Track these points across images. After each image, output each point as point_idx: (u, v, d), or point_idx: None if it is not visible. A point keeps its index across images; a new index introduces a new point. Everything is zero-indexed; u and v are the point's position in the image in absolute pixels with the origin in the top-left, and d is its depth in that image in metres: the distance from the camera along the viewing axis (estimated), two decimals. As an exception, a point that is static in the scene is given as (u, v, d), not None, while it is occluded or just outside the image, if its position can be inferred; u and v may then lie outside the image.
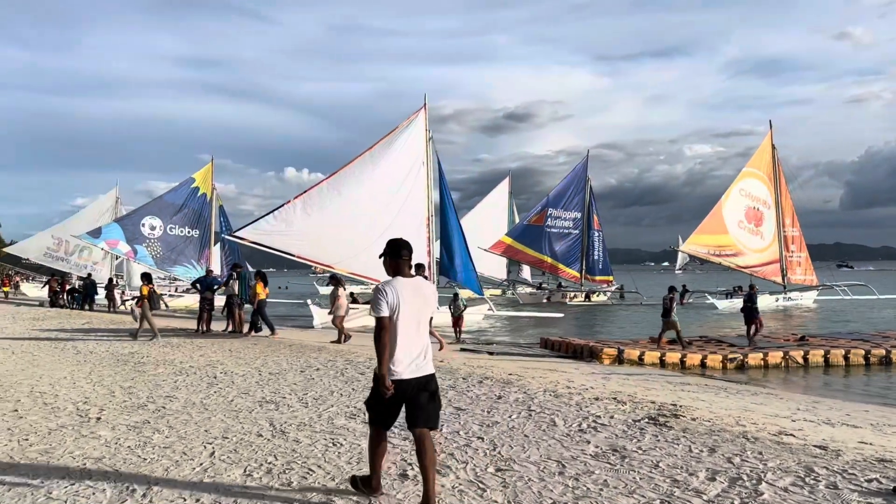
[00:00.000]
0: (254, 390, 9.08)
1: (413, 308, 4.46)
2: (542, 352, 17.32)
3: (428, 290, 4.66)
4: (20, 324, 20.68)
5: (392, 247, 4.67)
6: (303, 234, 26.40)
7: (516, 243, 45.09)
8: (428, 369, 4.57)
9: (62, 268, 51.61)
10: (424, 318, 4.58)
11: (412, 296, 4.48)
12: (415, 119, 29.72)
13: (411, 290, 4.50)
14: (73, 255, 51.05)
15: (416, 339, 4.51)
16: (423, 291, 4.60)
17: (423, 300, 4.55)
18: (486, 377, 9.61)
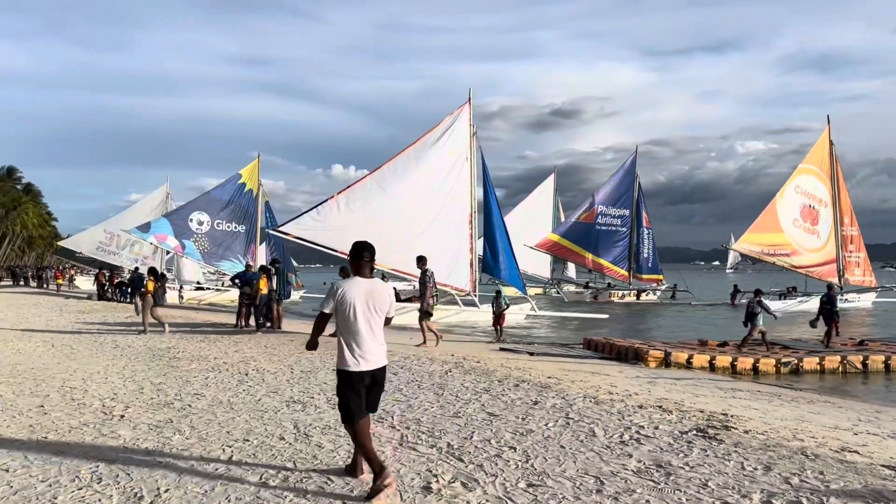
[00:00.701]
0: (283, 389, 8.82)
1: (367, 306, 4.88)
2: (585, 353, 16.75)
3: (383, 290, 5.04)
4: (65, 316, 20.99)
5: (355, 249, 5.08)
6: (345, 230, 26.25)
7: (563, 241, 44.30)
8: (381, 362, 5.04)
9: (114, 261, 52.84)
10: (379, 316, 4.99)
11: (366, 295, 4.89)
12: (459, 114, 29.35)
13: (365, 291, 4.91)
14: (124, 248, 52.19)
15: (371, 334, 4.92)
16: (378, 292, 4.99)
17: (376, 299, 4.94)
18: (522, 380, 9.16)
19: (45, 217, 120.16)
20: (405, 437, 6.28)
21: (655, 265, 47.25)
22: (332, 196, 26.87)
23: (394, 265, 26.73)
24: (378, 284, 5.07)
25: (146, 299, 16.39)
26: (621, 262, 45.59)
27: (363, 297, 4.88)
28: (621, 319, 31.21)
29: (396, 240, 26.50)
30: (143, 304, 16.44)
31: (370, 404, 5.04)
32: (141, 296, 16.72)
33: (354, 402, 4.89)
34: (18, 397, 8.38)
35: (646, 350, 15.43)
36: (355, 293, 4.87)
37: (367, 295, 4.90)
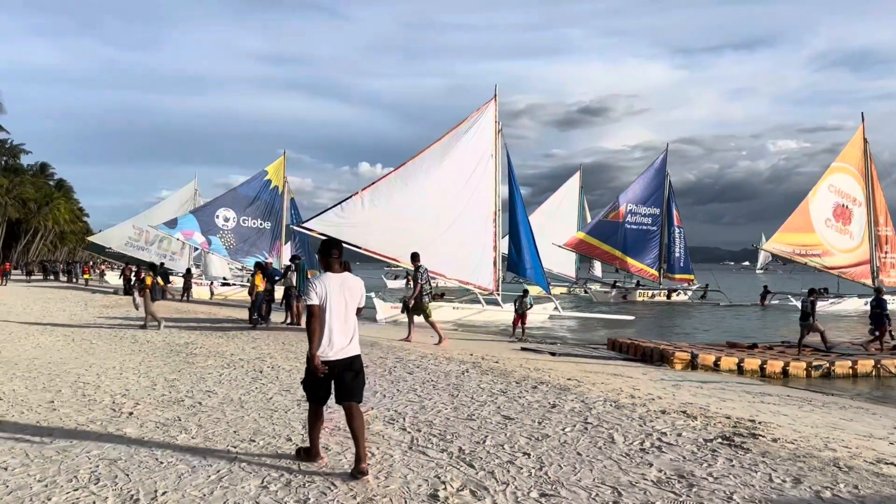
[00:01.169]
0: (296, 387, 8.64)
1: (339, 299, 5.19)
2: (609, 354, 16.40)
3: (354, 283, 5.35)
4: (89, 311, 21.13)
5: (324, 246, 5.42)
6: (369, 227, 26.15)
7: (592, 240, 43.73)
8: (353, 351, 5.23)
9: (143, 257, 53.38)
10: (351, 308, 5.27)
11: (339, 289, 5.22)
12: (484, 111, 29.06)
13: (338, 284, 5.24)
14: (153, 244, 52.72)
15: (343, 325, 5.19)
16: (350, 285, 5.31)
17: (348, 292, 5.26)
18: (541, 381, 8.88)
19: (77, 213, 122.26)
20: (415, 441, 6.06)
21: (687, 265, 46.45)
22: (357, 192, 26.77)
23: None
24: (349, 278, 5.38)
25: (145, 294, 16.54)
26: (651, 261, 44.90)
27: (337, 291, 5.21)
28: (648, 320, 30.70)
29: (420, 237, 26.27)
30: (143, 298, 16.61)
31: (347, 392, 5.20)
32: (140, 291, 16.85)
33: (312, 387, 5.31)
34: (31, 392, 8.32)
35: (671, 351, 15.05)
36: (330, 287, 5.20)
37: (339, 288, 5.24)
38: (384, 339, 14.15)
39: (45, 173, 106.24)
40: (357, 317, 5.36)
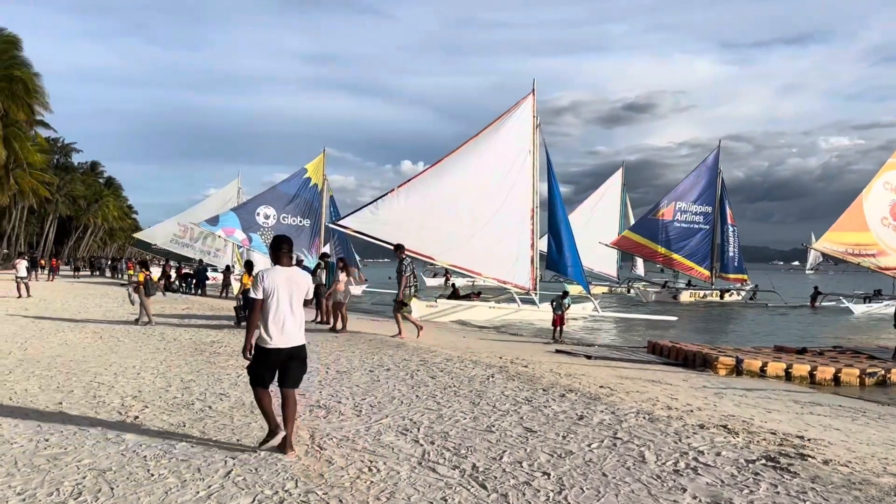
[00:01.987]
0: (312, 391, 8.28)
1: (286, 292, 5.49)
2: (649, 357, 15.69)
3: (300, 277, 5.68)
4: (125, 307, 21.15)
5: (274, 242, 5.76)
6: (404, 224, 25.79)
7: (640, 238, 42.70)
8: (299, 341, 5.63)
9: (187, 253, 54.25)
10: (297, 300, 5.58)
11: (286, 282, 5.51)
12: (522, 106, 28.44)
13: (285, 278, 5.53)
14: (197, 241, 53.43)
15: (290, 316, 5.50)
16: (296, 279, 5.62)
17: (294, 285, 5.56)
18: (570, 389, 8.32)
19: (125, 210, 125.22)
20: (427, 455, 5.59)
21: (741, 264, 45.03)
22: (392, 190, 26.46)
23: (452, 261, 26.13)
24: (296, 272, 5.71)
25: (139, 290, 16.54)
26: (703, 260, 43.63)
27: (284, 284, 5.51)
28: (693, 321, 29.73)
29: (455, 235, 25.87)
30: (138, 295, 16.58)
31: (290, 379, 5.64)
32: (135, 288, 16.89)
33: (260, 374, 5.58)
34: (42, 392, 8.11)
35: (715, 356, 14.31)
36: (277, 280, 5.50)
37: (287, 281, 5.53)
38: (412, 341, 13.72)
39: (94, 171, 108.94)
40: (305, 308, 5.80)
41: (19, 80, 38.01)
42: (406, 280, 14.35)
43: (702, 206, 43.41)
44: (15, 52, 38.79)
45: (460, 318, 25.57)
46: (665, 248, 41.96)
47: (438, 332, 18.37)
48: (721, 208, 43.94)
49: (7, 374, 9.32)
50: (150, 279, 17.06)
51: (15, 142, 43.00)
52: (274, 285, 5.46)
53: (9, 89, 37.59)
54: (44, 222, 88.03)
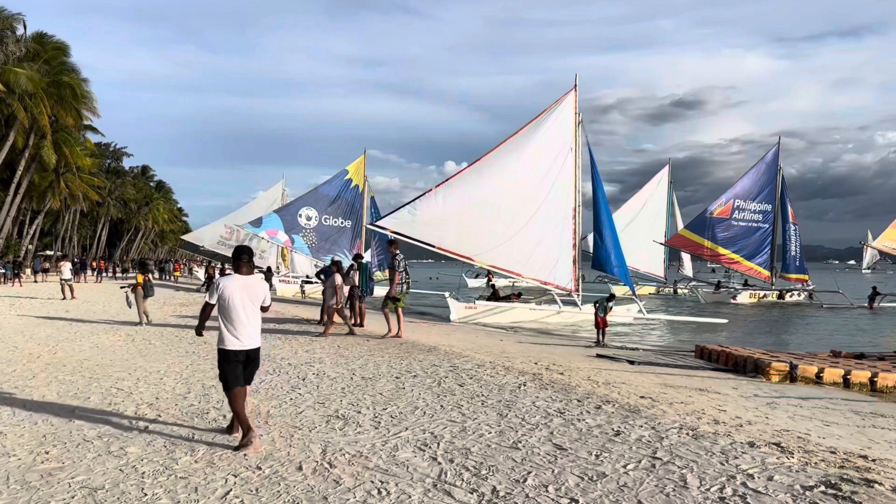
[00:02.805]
0: (333, 399, 7.87)
1: (242, 298, 5.88)
2: (697, 363, 14.92)
3: (257, 285, 6.05)
4: (164, 309, 21.24)
5: (234, 251, 6.20)
6: (442, 224, 25.34)
7: (696, 236, 41.44)
8: (254, 343, 6.05)
9: (233, 255, 54.80)
10: (253, 306, 5.98)
11: (241, 289, 5.91)
12: (563, 102, 27.72)
13: (241, 285, 5.94)
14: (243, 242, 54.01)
15: (246, 321, 5.92)
16: (253, 286, 6.01)
17: (250, 292, 5.96)
18: (607, 400, 7.72)
19: (176, 212, 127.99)
20: (444, 475, 5.11)
21: (802, 264, 43.42)
22: (431, 189, 26.03)
23: (492, 262, 25.56)
24: (254, 280, 6.09)
25: (137, 291, 16.85)
26: (762, 260, 42.15)
27: (240, 290, 5.93)
28: (744, 324, 28.55)
29: (495, 235, 25.32)
30: (136, 296, 16.90)
31: (246, 377, 6.09)
32: (132, 289, 17.19)
33: (231, 375, 5.96)
34: (59, 399, 7.88)
35: (767, 362, 13.48)
36: (234, 287, 5.93)
37: (243, 288, 5.96)
38: (444, 345, 13.23)
39: (145, 175, 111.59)
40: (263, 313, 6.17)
41: (67, 85, 38.78)
42: (399, 276, 13.98)
43: (761, 204, 41.94)
44: (63, 59, 39.62)
45: (499, 320, 25.01)
46: (723, 247, 40.61)
47: (475, 335, 17.85)
48: (782, 206, 42.38)
49: (30, 379, 9.17)
50: (149, 281, 17.35)
51: (64, 146, 43.96)
52: (230, 292, 5.90)
53: (57, 95, 38.37)
54: (96, 225, 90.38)
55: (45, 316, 18.12)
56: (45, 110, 37.42)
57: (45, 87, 37.13)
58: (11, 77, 33.70)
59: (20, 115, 35.10)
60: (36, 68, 36.31)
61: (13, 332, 14.92)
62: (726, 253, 40.75)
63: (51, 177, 46.78)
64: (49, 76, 37.87)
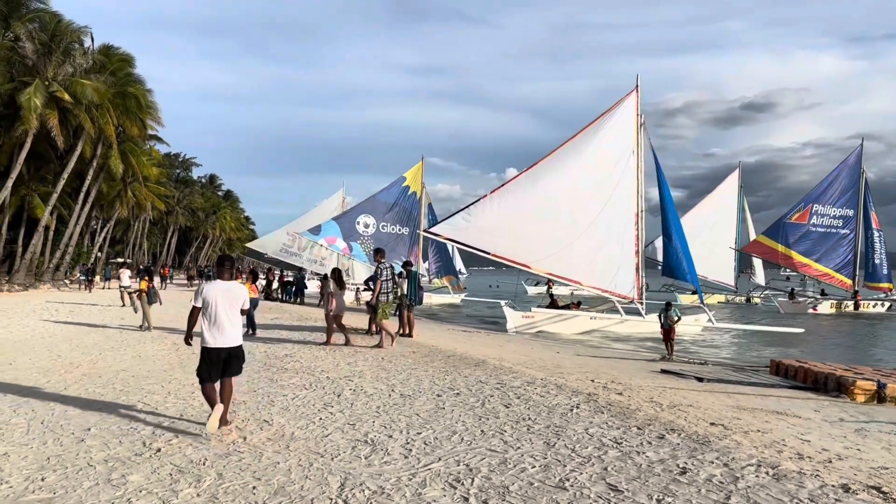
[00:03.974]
0: (365, 420, 7.20)
1: (223, 302, 6.58)
2: (772, 380, 13.69)
3: (236, 290, 6.75)
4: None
5: (217, 260, 7.02)
6: (498, 231, 24.55)
7: (774, 243, 39.41)
8: (235, 342, 6.70)
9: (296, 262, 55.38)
10: (233, 309, 6.65)
11: (222, 294, 6.61)
12: (624, 104, 26.58)
13: (222, 290, 6.64)
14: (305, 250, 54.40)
15: (227, 322, 6.60)
16: (233, 291, 6.70)
17: (231, 296, 6.65)
18: (672, 428, 6.79)
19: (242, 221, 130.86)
20: (474, 521, 4.35)
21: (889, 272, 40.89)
22: (486, 195, 25.27)
23: (549, 269, 24.60)
24: (233, 285, 6.79)
25: (142, 297, 17.12)
26: (843, 267, 39.76)
27: (221, 295, 6.60)
28: (823, 335, 26.74)
29: (552, 241, 24.37)
30: (140, 302, 17.20)
31: (230, 371, 6.73)
32: (137, 295, 17.56)
33: (205, 372, 6.62)
34: (80, 414, 7.45)
35: (851, 380, 12.20)
36: (215, 292, 6.61)
37: (224, 292, 6.63)
38: (494, 358, 12.42)
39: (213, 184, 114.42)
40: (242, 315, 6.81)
41: (132, 96, 39.64)
42: (380, 285, 13.37)
43: (842, 210, 39.62)
44: (129, 70, 40.56)
45: (558, 329, 24.04)
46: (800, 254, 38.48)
47: (529, 347, 17.01)
48: (865, 212, 39.95)
49: (63, 390, 8.85)
50: (153, 288, 17.53)
51: (131, 156, 45.03)
52: (212, 296, 6.59)
53: (123, 105, 39.25)
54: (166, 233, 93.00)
55: (99, 323, 18.12)
56: (111, 121, 38.33)
57: (111, 98, 38.03)
58: (78, 88, 34.56)
59: (87, 125, 35.98)
60: (102, 80, 37.22)
61: (63, 339, 14.86)
62: (803, 260, 38.60)
63: (119, 186, 47.98)
64: (115, 87, 38.80)
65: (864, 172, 40.72)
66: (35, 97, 32.36)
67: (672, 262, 25.89)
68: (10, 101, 33.21)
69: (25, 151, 34.01)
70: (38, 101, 32.59)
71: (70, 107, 35.06)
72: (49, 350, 13.01)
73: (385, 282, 13.74)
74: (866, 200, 40.44)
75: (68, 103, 34.59)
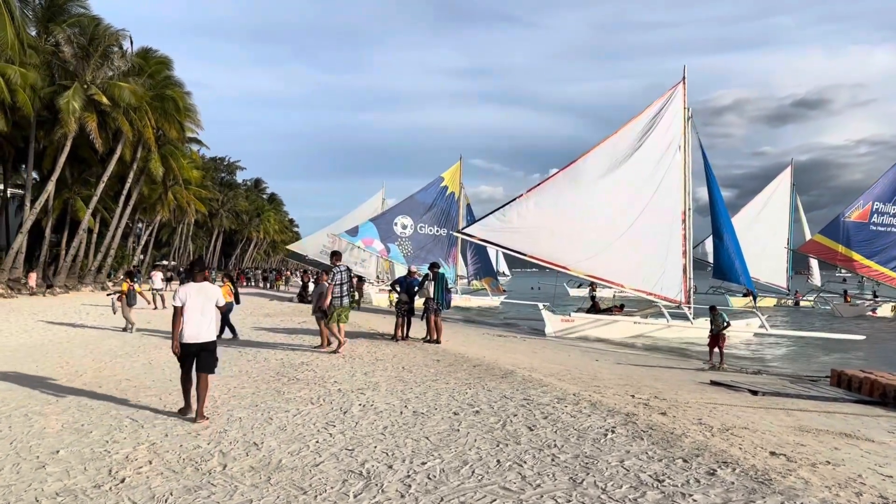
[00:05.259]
0: (366, 444, 6.31)
1: (197, 301, 7.38)
2: (834, 392, 12.37)
3: (210, 290, 7.58)
4: (247, 320, 20.49)
5: (190, 264, 8.19)
6: (534, 232, 23.48)
7: (832, 243, 37.35)
8: (209, 337, 7.45)
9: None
10: (207, 307, 7.44)
11: (196, 293, 7.42)
12: (671, 97, 25.23)
13: (196, 290, 7.45)
14: (344, 252, 53.99)
15: (201, 319, 7.37)
16: (206, 291, 7.53)
17: (205, 296, 7.46)
18: (724, 461, 5.69)
19: (286, 223, 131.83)
20: None
21: None
22: (521, 195, 24.22)
23: (590, 271, 23.42)
24: (206, 285, 7.53)
25: (122, 300, 17.06)
26: None
27: (195, 294, 7.36)
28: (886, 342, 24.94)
29: (593, 242, 23.19)
30: (122, 305, 17.10)
31: (202, 365, 7.37)
32: (118, 297, 17.69)
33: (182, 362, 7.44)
34: (61, 431, 6.76)
35: (928, 395, 10.87)
36: (190, 292, 7.35)
37: (197, 292, 7.39)
38: (524, 368, 11.40)
39: (258, 188, 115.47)
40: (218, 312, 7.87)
41: (170, 98, 39.63)
42: (331, 289, 12.44)
43: None
44: (167, 73, 40.58)
45: (599, 334, 22.86)
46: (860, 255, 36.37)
47: (566, 354, 15.94)
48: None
49: (54, 403, 8.21)
50: (133, 290, 17.62)
51: (171, 159, 45.16)
52: (186, 296, 7.29)
53: (161, 108, 39.25)
54: (210, 235, 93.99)
55: (124, 327, 17.65)
56: (149, 123, 38.36)
57: (149, 101, 38.05)
58: (116, 91, 34.59)
59: (125, 128, 36.01)
60: (140, 83, 37.27)
61: (80, 344, 14.39)
62: (863, 261, 36.46)
63: (159, 189, 48.22)
64: (153, 90, 38.84)
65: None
66: (73, 100, 32.46)
67: (724, 262, 24.46)
68: (50, 104, 33.40)
69: (65, 154, 34.18)
70: (77, 104, 32.68)
71: (108, 110, 35.13)
72: (61, 356, 12.51)
73: (339, 285, 12.99)
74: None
75: (106, 106, 34.66)
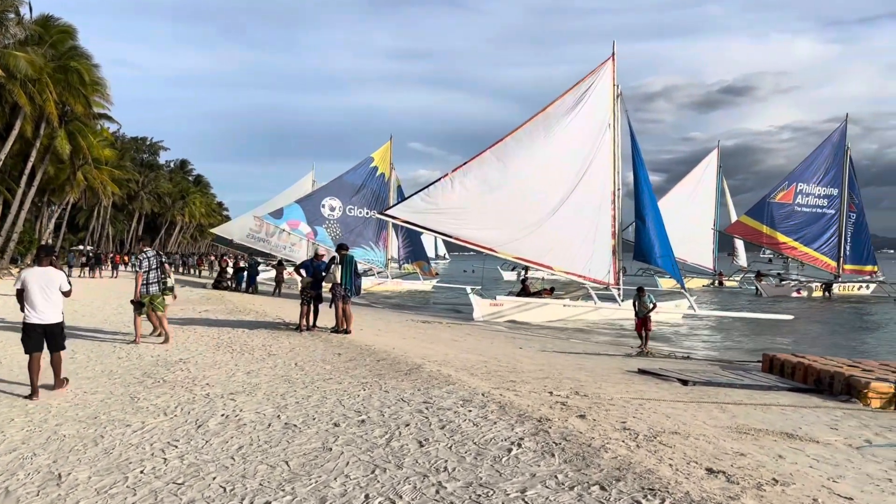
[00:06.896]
0: (204, 475, 4.91)
1: (39, 285, 7.73)
2: (767, 379, 11.59)
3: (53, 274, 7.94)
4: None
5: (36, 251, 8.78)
6: (460, 213, 22.32)
7: (757, 224, 37.67)
8: (54, 319, 7.84)
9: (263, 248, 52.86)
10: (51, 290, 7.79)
11: (38, 278, 7.78)
12: (599, 73, 24.37)
13: (39, 274, 7.83)
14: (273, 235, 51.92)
15: (44, 301, 7.75)
16: (49, 275, 7.88)
17: (47, 279, 7.81)
18: (650, 486, 4.54)
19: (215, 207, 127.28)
20: None
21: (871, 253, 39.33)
22: (446, 174, 22.99)
23: (517, 253, 22.46)
24: (50, 271, 7.99)
25: None
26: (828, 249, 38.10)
27: (38, 279, 7.79)
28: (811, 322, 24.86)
29: (520, 223, 22.20)
30: None
31: (53, 345, 7.89)
32: None
33: (28, 343, 7.73)
34: None
35: (863, 381, 10.14)
36: (33, 276, 7.81)
37: (40, 277, 7.83)
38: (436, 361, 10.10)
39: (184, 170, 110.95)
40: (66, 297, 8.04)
41: (74, 70, 36.67)
42: (140, 277, 11.67)
43: (827, 188, 37.93)
44: (71, 43, 37.55)
45: (527, 318, 21.93)
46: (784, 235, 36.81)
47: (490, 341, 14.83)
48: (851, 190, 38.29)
49: None
50: None
51: (80, 137, 42.10)
52: (30, 280, 7.74)
53: (65, 81, 36.30)
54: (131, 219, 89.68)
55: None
56: (51, 97, 35.40)
57: (51, 73, 35.09)
58: (11, 61, 31.66)
59: (21, 101, 33.07)
60: (42, 53, 34.32)
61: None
62: (788, 241, 36.93)
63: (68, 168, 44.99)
64: (55, 61, 35.84)
65: (850, 149, 39.03)
66: (-41, 69, 29.48)
67: (644, 245, 23.77)
68: (-68, 73, 30.33)
69: (-49, 129, 31.13)
70: (-37, 73, 29.71)
71: (3, 81, 32.17)
72: None
73: (147, 272, 11.82)
74: (851, 179, 38.80)
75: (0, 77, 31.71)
